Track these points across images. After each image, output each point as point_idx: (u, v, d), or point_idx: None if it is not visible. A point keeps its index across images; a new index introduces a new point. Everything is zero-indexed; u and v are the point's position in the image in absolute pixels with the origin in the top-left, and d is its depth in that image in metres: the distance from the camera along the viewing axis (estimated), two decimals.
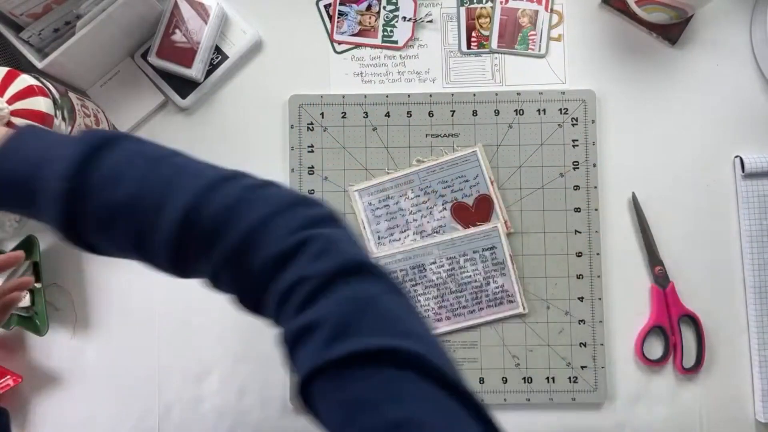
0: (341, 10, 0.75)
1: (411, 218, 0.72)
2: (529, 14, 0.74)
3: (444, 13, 0.75)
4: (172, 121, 0.74)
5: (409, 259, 0.71)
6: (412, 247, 0.71)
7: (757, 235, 0.71)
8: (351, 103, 0.73)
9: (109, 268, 0.73)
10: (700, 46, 0.74)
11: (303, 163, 0.73)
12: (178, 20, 0.71)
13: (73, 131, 0.63)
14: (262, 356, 0.72)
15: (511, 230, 0.71)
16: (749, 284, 0.71)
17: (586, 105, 0.72)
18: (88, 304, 0.72)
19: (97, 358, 0.72)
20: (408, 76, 0.75)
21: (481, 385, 0.71)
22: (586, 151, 0.72)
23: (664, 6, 0.69)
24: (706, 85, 0.74)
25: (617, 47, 0.74)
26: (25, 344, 0.72)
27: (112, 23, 0.66)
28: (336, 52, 0.75)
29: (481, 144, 0.72)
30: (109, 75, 0.73)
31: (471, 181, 0.72)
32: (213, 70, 0.73)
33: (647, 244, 0.72)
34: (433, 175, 0.72)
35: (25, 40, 0.66)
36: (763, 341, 0.70)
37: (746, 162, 0.71)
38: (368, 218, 0.72)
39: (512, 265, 0.70)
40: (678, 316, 0.70)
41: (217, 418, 0.71)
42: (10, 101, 0.59)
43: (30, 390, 0.71)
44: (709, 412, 0.71)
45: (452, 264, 0.71)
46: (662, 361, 0.71)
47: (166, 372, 0.72)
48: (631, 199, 0.72)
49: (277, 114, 0.74)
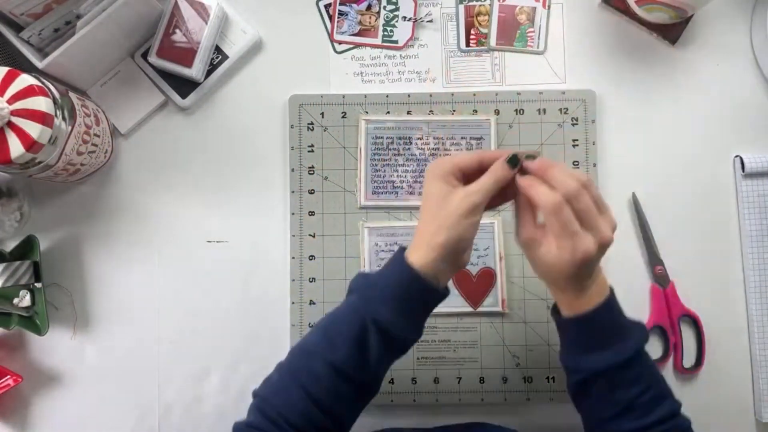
0: (341, 9, 0.75)
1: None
2: (527, 11, 0.74)
3: (444, 13, 0.75)
4: (172, 121, 0.74)
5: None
6: None
7: (757, 235, 0.71)
8: (351, 103, 0.73)
9: (109, 267, 0.73)
10: (700, 46, 0.74)
11: (303, 163, 0.73)
12: (178, 20, 0.71)
13: (73, 131, 0.63)
14: (262, 356, 0.72)
15: (507, 311, 0.71)
16: (749, 284, 0.71)
17: (586, 105, 0.72)
18: (88, 304, 0.72)
19: (97, 357, 0.72)
20: (408, 75, 0.75)
21: (482, 384, 0.71)
22: (586, 151, 0.72)
23: (664, 6, 0.69)
24: (706, 85, 0.74)
25: (617, 47, 0.74)
26: (25, 344, 0.72)
27: (112, 23, 0.66)
28: (336, 51, 0.75)
29: (501, 218, 0.71)
30: (109, 75, 0.73)
31: (480, 251, 0.71)
32: (213, 70, 0.73)
33: (647, 244, 0.72)
34: None
35: (25, 40, 0.66)
36: (763, 341, 0.70)
37: (746, 162, 0.71)
38: (371, 259, 0.72)
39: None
40: (678, 316, 0.70)
41: (217, 418, 0.71)
42: (11, 101, 0.59)
43: (30, 390, 0.71)
44: (709, 412, 0.70)
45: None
46: (662, 361, 0.71)
47: (166, 372, 0.72)
48: (631, 199, 0.72)
49: (277, 114, 0.74)
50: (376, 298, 0.52)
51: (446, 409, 0.71)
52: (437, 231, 0.51)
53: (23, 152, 0.59)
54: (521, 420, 0.71)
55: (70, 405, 0.71)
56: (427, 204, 0.53)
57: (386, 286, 0.52)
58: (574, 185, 0.49)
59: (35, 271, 0.70)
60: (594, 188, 0.51)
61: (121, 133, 0.73)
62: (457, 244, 0.51)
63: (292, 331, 0.71)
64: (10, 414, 0.71)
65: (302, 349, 0.54)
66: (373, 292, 0.52)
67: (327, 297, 0.71)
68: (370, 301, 0.52)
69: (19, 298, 0.69)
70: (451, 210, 0.51)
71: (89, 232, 0.73)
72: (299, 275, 0.72)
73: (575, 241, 0.49)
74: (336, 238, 0.72)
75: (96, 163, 0.70)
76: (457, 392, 0.71)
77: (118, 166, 0.74)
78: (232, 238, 0.73)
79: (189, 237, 0.73)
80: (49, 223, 0.73)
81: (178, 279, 0.73)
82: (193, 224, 0.73)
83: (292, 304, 0.72)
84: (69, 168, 0.66)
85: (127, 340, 0.72)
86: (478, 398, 0.71)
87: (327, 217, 0.72)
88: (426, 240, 0.52)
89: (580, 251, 0.49)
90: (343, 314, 0.53)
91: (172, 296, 0.72)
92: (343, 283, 0.71)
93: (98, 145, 0.69)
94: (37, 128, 0.59)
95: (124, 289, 0.73)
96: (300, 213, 0.72)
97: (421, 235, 0.52)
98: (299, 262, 0.72)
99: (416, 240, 0.53)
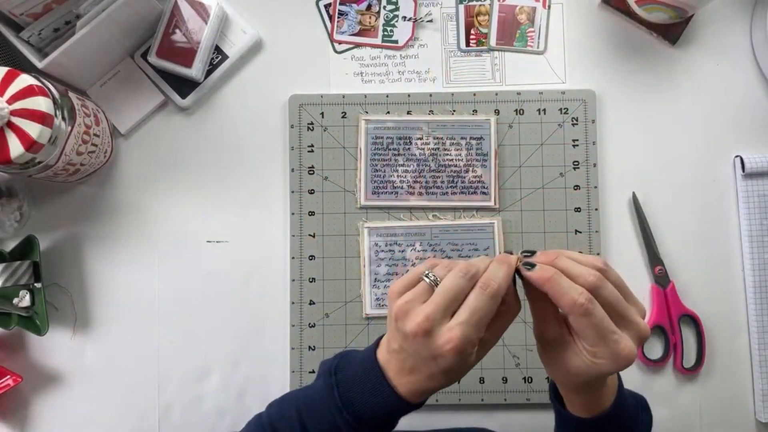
0: (341, 9, 0.75)
1: (412, 269, 0.70)
2: (527, 11, 0.74)
3: (444, 13, 0.75)
4: (172, 121, 0.74)
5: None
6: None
7: (757, 235, 0.71)
8: (351, 103, 0.73)
9: (109, 267, 0.73)
10: (700, 46, 0.74)
11: (303, 163, 0.73)
12: (178, 20, 0.71)
13: (72, 131, 0.63)
14: (262, 356, 0.72)
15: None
16: (749, 284, 0.71)
17: (586, 105, 0.72)
18: (88, 304, 0.72)
19: (97, 358, 0.72)
20: (408, 75, 0.75)
21: (481, 385, 0.71)
22: (586, 151, 0.72)
23: (664, 6, 0.69)
24: (706, 85, 0.74)
25: (617, 47, 0.74)
26: (25, 344, 0.72)
27: (112, 23, 0.66)
28: (336, 51, 0.75)
29: (501, 218, 0.72)
30: (109, 75, 0.73)
31: (480, 253, 0.71)
32: (213, 70, 0.73)
33: (647, 244, 0.72)
34: (446, 235, 0.72)
35: (25, 40, 0.66)
36: (763, 341, 0.70)
37: (746, 162, 0.71)
38: (371, 258, 0.72)
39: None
40: (678, 316, 0.70)
41: (217, 418, 0.71)
42: (10, 101, 0.59)
43: (30, 390, 0.71)
44: (709, 412, 0.71)
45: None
46: (662, 361, 0.71)
47: (166, 371, 0.72)
48: (631, 199, 0.72)
49: (277, 114, 0.74)
50: (345, 408, 0.46)
51: (446, 409, 0.71)
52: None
53: (23, 152, 0.59)
54: (521, 420, 0.71)
55: (69, 405, 0.71)
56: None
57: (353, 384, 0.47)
58: (593, 276, 0.42)
59: (35, 271, 0.70)
60: (613, 272, 0.44)
61: (121, 133, 0.73)
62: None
63: (292, 332, 0.71)
64: (10, 414, 0.71)
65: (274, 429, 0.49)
66: (343, 399, 0.46)
67: (327, 297, 0.71)
68: (339, 410, 0.46)
69: (18, 298, 0.69)
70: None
71: (89, 232, 0.73)
72: (299, 275, 0.72)
73: (613, 346, 0.41)
74: (336, 238, 0.72)
75: (96, 163, 0.70)
76: (456, 392, 0.71)
77: (118, 166, 0.74)
78: (232, 238, 0.73)
79: (189, 237, 0.73)
80: (49, 223, 0.73)
81: (178, 279, 0.73)
82: (193, 224, 0.73)
83: (292, 304, 0.72)
84: (69, 168, 0.66)
85: (127, 340, 0.72)
86: (478, 398, 0.71)
87: (327, 217, 0.72)
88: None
89: (621, 357, 0.42)
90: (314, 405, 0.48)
91: (172, 296, 0.72)
92: (343, 283, 0.71)
93: (98, 145, 0.69)
94: (36, 128, 0.59)
95: (124, 289, 0.73)
96: (300, 213, 0.72)
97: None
98: (299, 262, 0.72)
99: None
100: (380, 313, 0.71)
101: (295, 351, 0.71)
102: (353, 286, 0.72)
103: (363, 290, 0.71)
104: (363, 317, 0.71)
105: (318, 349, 0.71)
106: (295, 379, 0.71)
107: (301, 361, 0.71)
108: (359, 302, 0.71)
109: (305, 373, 0.71)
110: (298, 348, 0.71)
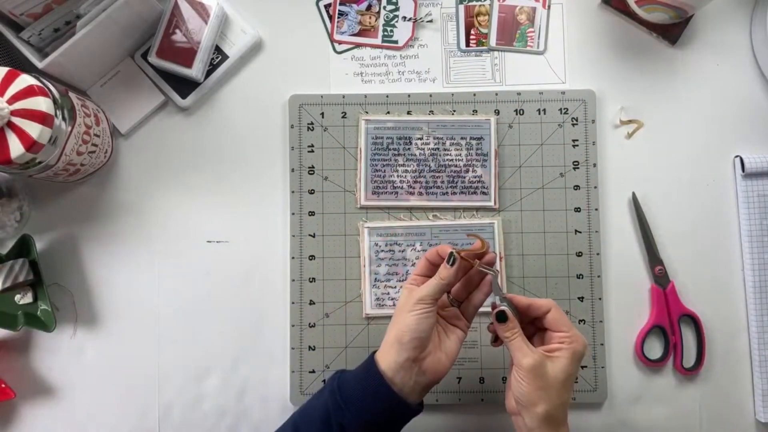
0: (341, 10, 0.75)
1: (412, 270, 0.70)
2: (527, 11, 0.74)
3: (444, 13, 0.75)
4: (172, 121, 0.74)
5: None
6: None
7: (757, 235, 0.71)
8: (351, 103, 0.73)
9: (109, 267, 0.73)
10: (700, 46, 0.74)
11: (303, 163, 0.73)
12: (178, 20, 0.71)
13: (73, 131, 0.63)
14: (262, 356, 0.72)
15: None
16: (749, 284, 0.71)
17: (586, 105, 0.72)
18: (88, 304, 0.72)
19: (97, 357, 0.72)
20: (408, 75, 0.75)
21: (481, 384, 0.71)
22: (586, 151, 0.72)
23: (664, 6, 0.69)
24: (706, 85, 0.74)
25: (617, 47, 0.74)
26: (25, 344, 0.72)
27: (112, 23, 0.66)
28: (336, 51, 0.75)
29: (501, 218, 0.72)
30: (109, 75, 0.73)
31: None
32: (213, 70, 0.73)
33: (647, 244, 0.72)
34: (445, 234, 0.72)
35: (25, 40, 0.66)
36: (763, 341, 0.70)
37: (746, 162, 0.71)
38: (371, 258, 0.72)
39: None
40: (678, 316, 0.70)
41: (217, 418, 0.72)
42: (11, 101, 0.59)
43: (30, 390, 0.71)
44: (709, 412, 0.71)
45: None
46: (662, 361, 0.71)
47: (166, 372, 0.72)
48: (631, 199, 0.72)
49: (277, 114, 0.74)
50: (345, 405, 0.55)
51: (446, 409, 0.71)
52: (390, 329, 0.56)
53: (23, 152, 0.59)
54: None
55: (69, 405, 0.71)
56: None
57: (355, 392, 0.55)
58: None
59: (33, 269, 0.70)
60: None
61: (121, 133, 0.73)
62: (407, 337, 0.54)
63: (292, 331, 0.71)
64: (10, 414, 0.71)
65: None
66: (343, 396, 0.55)
67: (327, 297, 0.71)
68: (339, 407, 0.55)
69: (20, 294, 0.69)
70: (400, 306, 0.56)
71: (89, 232, 0.73)
72: (299, 275, 0.72)
73: (576, 330, 0.56)
74: (336, 238, 0.72)
75: (96, 163, 0.70)
76: (456, 392, 0.71)
77: (118, 166, 0.74)
78: (232, 238, 0.73)
79: (189, 237, 0.73)
80: (50, 224, 0.73)
81: (178, 279, 0.73)
82: (193, 224, 0.73)
83: (292, 304, 0.72)
84: (69, 168, 0.66)
85: (127, 340, 0.72)
86: (478, 398, 0.71)
87: (327, 217, 0.72)
88: (385, 340, 0.56)
89: (581, 338, 0.56)
90: (316, 415, 0.56)
91: (172, 296, 0.72)
92: (343, 283, 0.72)
93: (98, 145, 0.69)
94: (37, 128, 0.59)
95: (124, 289, 0.73)
96: (300, 213, 0.72)
97: (384, 337, 0.57)
98: (299, 262, 0.72)
99: (382, 343, 0.57)
100: (380, 313, 0.71)
101: (295, 351, 0.71)
102: (353, 286, 0.72)
103: (363, 290, 0.71)
104: (363, 317, 0.71)
105: (318, 349, 0.71)
106: (295, 379, 0.71)
107: (301, 361, 0.71)
108: (359, 302, 0.71)
109: (305, 373, 0.71)
110: (298, 348, 0.71)
